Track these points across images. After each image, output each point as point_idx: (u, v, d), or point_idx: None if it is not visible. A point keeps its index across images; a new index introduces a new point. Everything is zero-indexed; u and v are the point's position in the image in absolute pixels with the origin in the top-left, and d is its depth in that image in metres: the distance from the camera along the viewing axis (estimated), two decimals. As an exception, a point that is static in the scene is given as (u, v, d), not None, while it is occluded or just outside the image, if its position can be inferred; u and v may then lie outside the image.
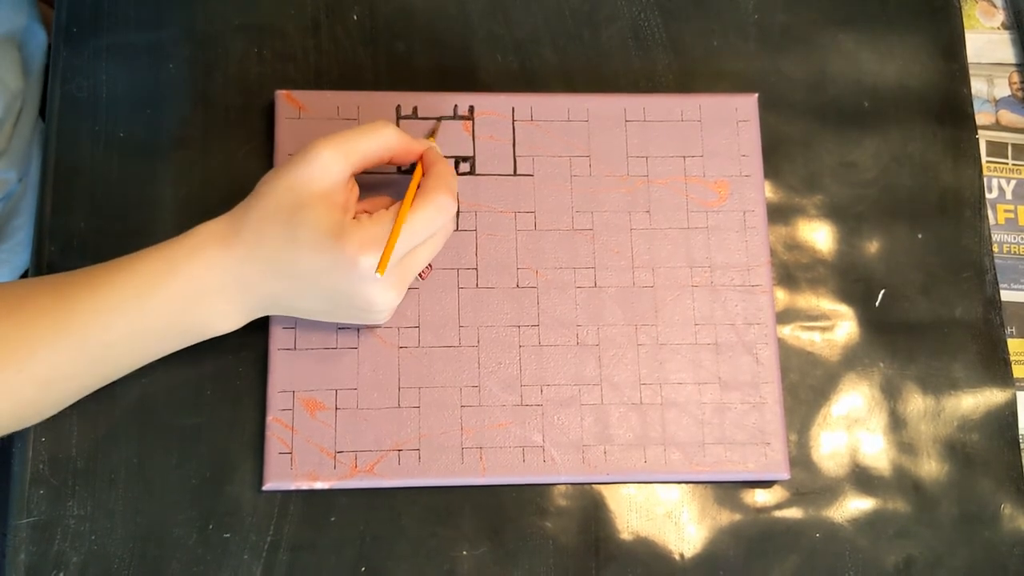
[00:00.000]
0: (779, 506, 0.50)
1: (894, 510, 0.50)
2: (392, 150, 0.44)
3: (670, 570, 0.49)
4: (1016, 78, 0.59)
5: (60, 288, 0.41)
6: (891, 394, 0.52)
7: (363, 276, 0.41)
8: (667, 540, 0.49)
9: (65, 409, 0.47)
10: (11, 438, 0.48)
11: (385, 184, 0.50)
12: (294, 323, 0.49)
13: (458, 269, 0.50)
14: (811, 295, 0.53)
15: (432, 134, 0.51)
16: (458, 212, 0.51)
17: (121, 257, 0.42)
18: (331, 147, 0.42)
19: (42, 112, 0.59)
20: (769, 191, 0.54)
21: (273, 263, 0.42)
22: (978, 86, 0.58)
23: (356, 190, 0.45)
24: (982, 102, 0.58)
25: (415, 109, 0.52)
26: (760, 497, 0.50)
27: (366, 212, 0.45)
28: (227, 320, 0.43)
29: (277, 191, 0.42)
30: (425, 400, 0.48)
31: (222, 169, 0.52)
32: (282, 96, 0.51)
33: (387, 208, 0.43)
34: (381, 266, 0.41)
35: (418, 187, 0.44)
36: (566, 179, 0.52)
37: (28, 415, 0.43)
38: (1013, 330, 0.55)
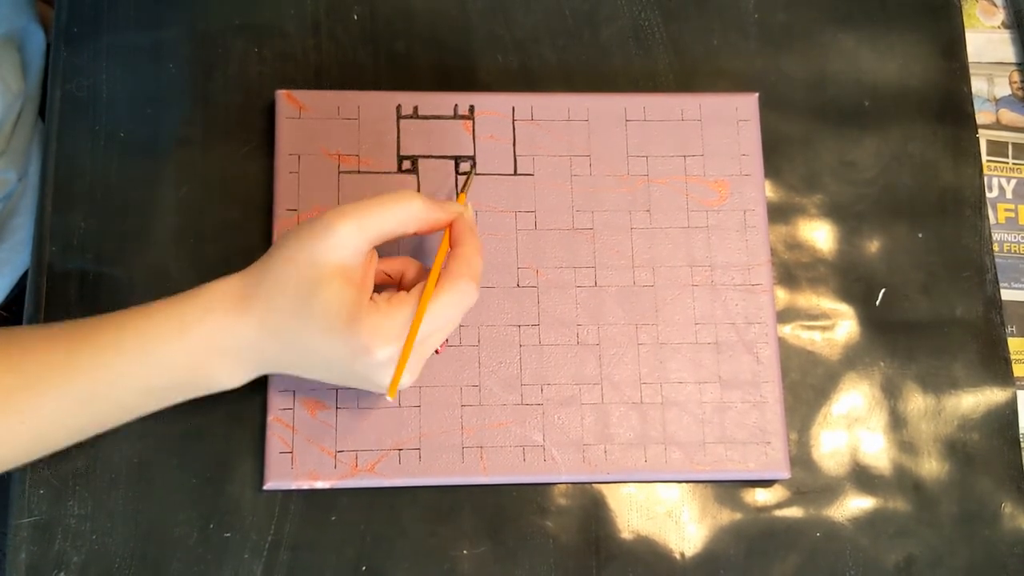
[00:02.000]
0: (779, 505, 0.50)
1: (894, 509, 0.50)
2: (418, 223, 0.42)
3: (671, 569, 0.49)
4: (1016, 77, 0.59)
5: (66, 342, 0.40)
6: (891, 393, 0.52)
7: (377, 366, 0.40)
8: (668, 539, 0.49)
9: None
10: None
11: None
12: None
13: (458, 268, 0.50)
14: (811, 294, 0.53)
15: (464, 190, 0.48)
16: None
17: (130, 309, 0.41)
18: (349, 220, 0.40)
19: (41, 112, 0.59)
20: (769, 190, 0.54)
21: (284, 337, 0.40)
22: (978, 85, 0.58)
23: (375, 262, 0.43)
24: (982, 101, 0.58)
25: (415, 109, 0.52)
26: (760, 496, 0.50)
27: (384, 274, 0.43)
28: (232, 379, 0.42)
29: (293, 260, 0.40)
30: (426, 399, 0.48)
31: (222, 169, 0.52)
32: (282, 96, 0.51)
33: (407, 291, 0.41)
34: (392, 388, 0.40)
35: (444, 270, 0.42)
36: (566, 178, 0.52)
37: (20, 460, 0.42)
38: (1013, 329, 0.55)
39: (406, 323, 0.40)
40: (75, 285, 0.49)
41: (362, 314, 0.39)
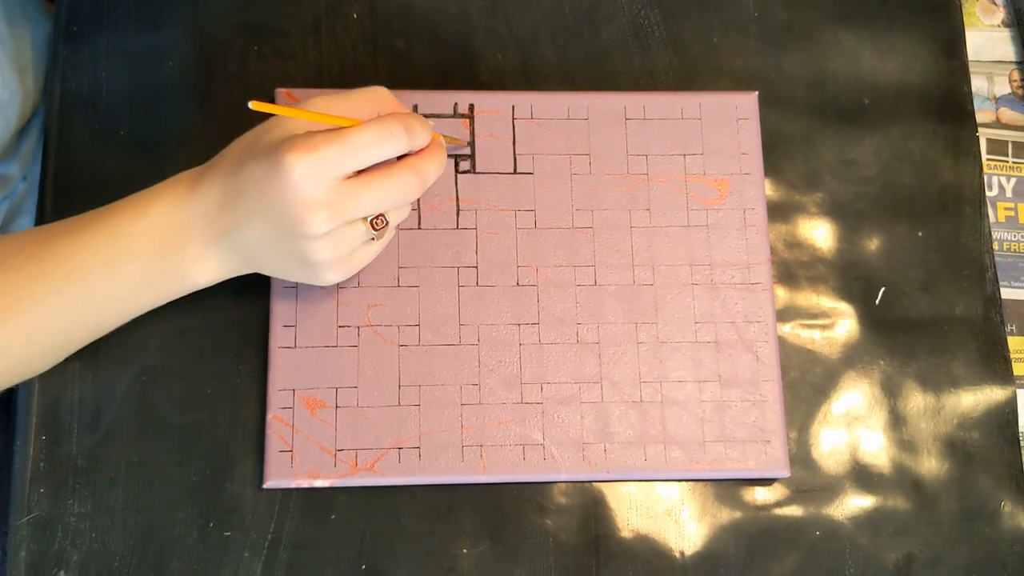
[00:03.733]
0: (779, 504, 0.50)
1: (894, 507, 0.50)
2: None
3: (670, 568, 0.49)
4: (1016, 76, 0.59)
5: (41, 240, 0.42)
6: (891, 392, 0.52)
7: (293, 186, 0.39)
8: (667, 538, 0.49)
9: (65, 407, 0.48)
10: (11, 436, 0.48)
11: None
12: (294, 320, 0.49)
13: (458, 267, 0.50)
14: (811, 293, 0.53)
15: (447, 139, 0.49)
16: (458, 211, 0.51)
17: (100, 208, 0.43)
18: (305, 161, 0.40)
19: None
20: (769, 189, 0.54)
21: (230, 185, 0.41)
22: (978, 84, 0.58)
23: None
24: (982, 100, 0.58)
25: (415, 107, 0.52)
26: (760, 495, 0.50)
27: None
28: (200, 264, 0.43)
29: (254, 133, 0.42)
30: (425, 398, 0.48)
31: (222, 167, 0.52)
32: (282, 94, 0.51)
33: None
34: (256, 103, 0.38)
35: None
36: (566, 177, 0.52)
37: (17, 370, 0.43)
38: (1013, 328, 0.55)
39: (328, 138, 0.39)
40: (75, 284, 0.49)
41: (289, 139, 0.40)
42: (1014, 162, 0.58)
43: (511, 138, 0.52)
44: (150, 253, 0.42)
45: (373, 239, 0.43)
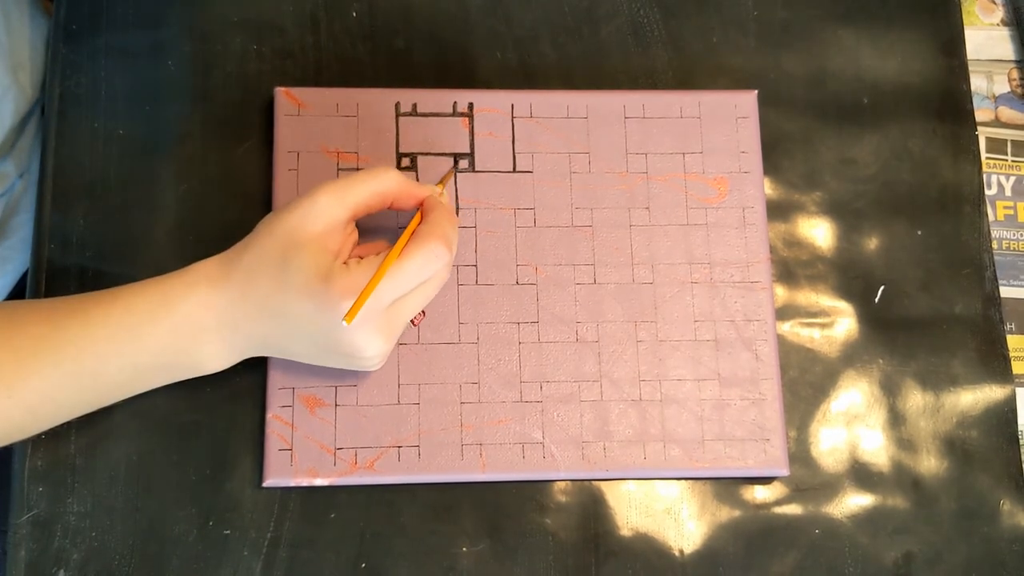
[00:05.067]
0: (778, 502, 0.50)
1: (893, 506, 0.50)
2: (393, 194, 0.44)
3: (670, 566, 0.49)
4: (1015, 74, 0.59)
5: (55, 316, 0.41)
6: (890, 390, 0.52)
7: (341, 320, 0.41)
8: (667, 536, 0.49)
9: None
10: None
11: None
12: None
13: (458, 266, 0.50)
14: (810, 291, 0.53)
15: (442, 181, 0.49)
16: (457, 209, 0.51)
17: (115, 288, 0.42)
18: (329, 192, 0.42)
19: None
20: (768, 187, 0.54)
21: (262, 305, 0.41)
22: (977, 82, 0.58)
23: (354, 236, 0.44)
24: (981, 98, 0.58)
25: (414, 106, 0.52)
26: (759, 493, 0.50)
27: (359, 257, 0.44)
28: (217, 359, 0.43)
29: (274, 233, 0.41)
30: (425, 397, 0.48)
31: (222, 166, 0.52)
32: (281, 93, 0.51)
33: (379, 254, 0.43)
34: (350, 314, 0.40)
35: (413, 233, 0.43)
36: (565, 176, 0.52)
37: (14, 436, 0.43)
38: (1012, 326, 0.55)
39: (370, 278, 0.41)
40: (75, 282, 0.49)
41: (334, 273, 0.41)
42: (1013, 161, 0.58)
43: (510, 137, 0.52)
44: (167, 349, 0.42)
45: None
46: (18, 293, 0.58)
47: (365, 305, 0.40)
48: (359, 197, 0.42)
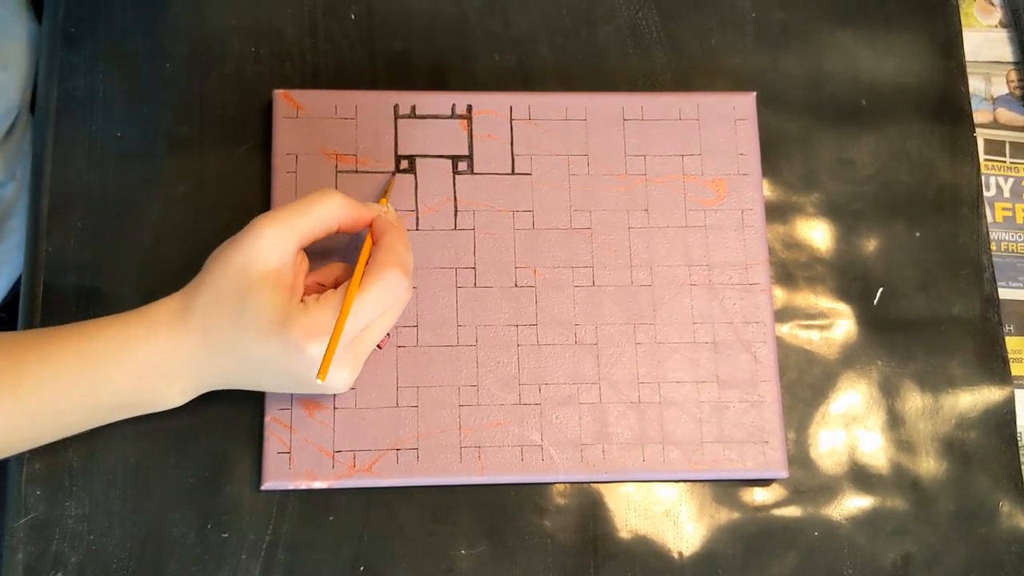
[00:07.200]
0: (777, 504, 0.50)
1: (892, 508, 0.50)
2: (340, 220, 0.43)
3: (668, 568, 0.49)
4: (1014, 76, 0.59)
5: (12, 352, 0.41)
6: (889, 392, 0.52)
7: (311, 363, 0.41)
8: (665, 539, 0.49)
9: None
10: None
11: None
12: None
13: (456, 268, 0.50)
14: (809, 293, 0.53)
15: (385, 194, 0.49)
16: (455, 212, 0.51)
17: (73, 324, 0.42)
18: (274, 225, 0.41)
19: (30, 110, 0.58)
20: (767, 189, 0.54)
21: (224, 348, 0.41)
22: (976, 84, 0.58)
23: (305, 265, 0.44)
24: (980, 100, 0.58)
25: (413, 108, 0.52)
26: (758, 495, 0.50)
27: (318, 284, 0.44)
28: (181, 396, 0.43)
29: (225, 273, 0.41)
30: (423, 399, 0.48)
31: (219, 169, 0.51)
32: (280, 95, 0.51)
33: (335, 288, 0.42)
34: (321, 372, 0.39)
35: (367, 263, 0.42)
36: (564, 178, 0.52)
37: None
38: (1011, 328, 0.55)
39: (335, 316, 0.41)
40: (72, 285, 0.49)
41: (293, 314, 0.40)
42: (1012, 162, 0.58)
43: (509, 139, 0.52)
44: (127, 389, 0.42)
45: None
46: (15, 297, 0.58)
47: (332, 343, 0.40)
48: (305, 227, 0.42)
